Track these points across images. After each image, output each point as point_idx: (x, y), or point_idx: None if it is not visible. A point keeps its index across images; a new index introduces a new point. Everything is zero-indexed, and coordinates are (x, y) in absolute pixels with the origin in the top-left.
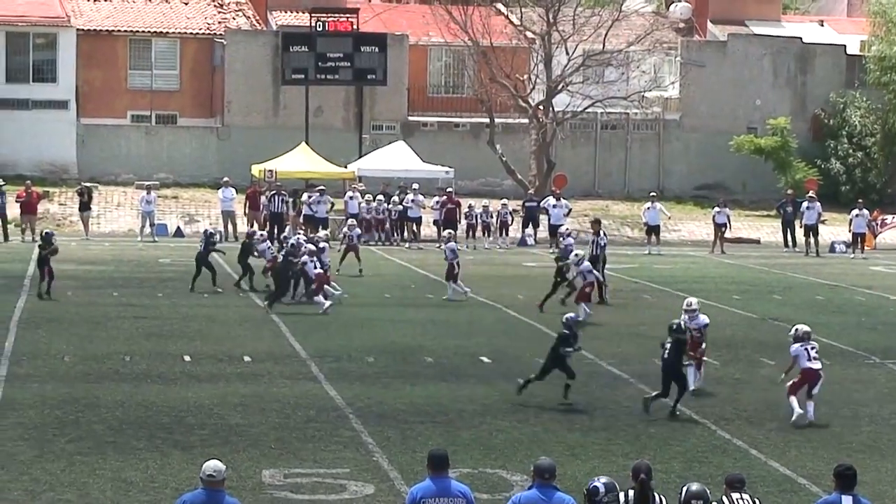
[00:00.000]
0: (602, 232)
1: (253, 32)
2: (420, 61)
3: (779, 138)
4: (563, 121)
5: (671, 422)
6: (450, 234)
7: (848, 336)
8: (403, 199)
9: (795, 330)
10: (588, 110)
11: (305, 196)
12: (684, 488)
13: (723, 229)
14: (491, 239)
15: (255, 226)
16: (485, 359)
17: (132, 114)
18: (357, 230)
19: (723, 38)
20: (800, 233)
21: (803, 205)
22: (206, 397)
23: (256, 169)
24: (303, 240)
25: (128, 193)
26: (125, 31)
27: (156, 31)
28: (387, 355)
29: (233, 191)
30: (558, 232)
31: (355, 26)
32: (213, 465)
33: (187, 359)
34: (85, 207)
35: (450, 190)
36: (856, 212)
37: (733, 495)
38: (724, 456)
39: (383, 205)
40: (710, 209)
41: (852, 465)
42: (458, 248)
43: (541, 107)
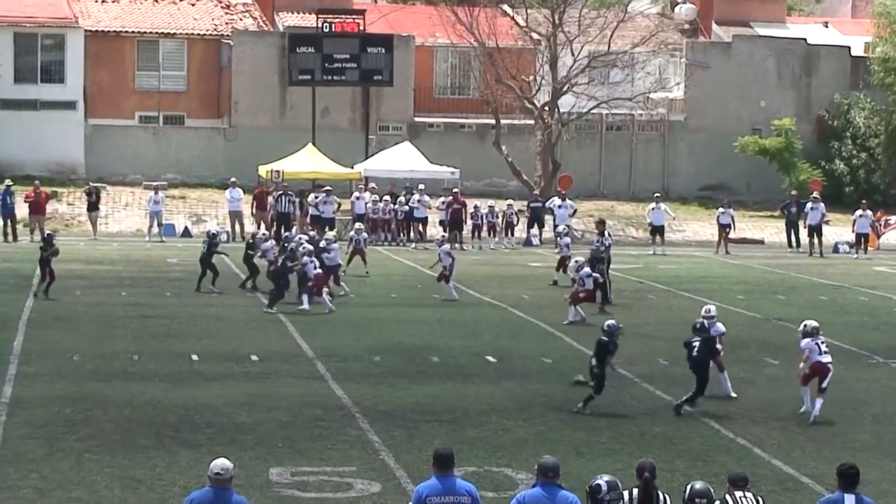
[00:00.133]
0: (607, 232)
1: (260, 33)
2: (426, 62)
3: (783, 139)
4: (569, 122)
5: (676, 420)
6: (443, 237)
7: (851, 336)
8: (409, 199)
9: (804, 325)
10: (593, 111)
11: (312, 196)
12: (688, 487)
13: (727, 230)
14: (496, 239)
15: (262, 226)
16: (490, 358)
17: (140, 114)
18: (364, 234)
19: (727, 39)
20: (804, 233)
21: (807, 205)
22: (214, 396)
23: (263, 169)
24: (304, 239)
25: (136, 193)
26: (133, 32)
27: (163, 32)
28: (393, 355)
29: (240, 191)
30: (555, 231)
31: (362, 27)
32: (220, 464)
33: (195, 358)
34: (93, 207)
35: (456, 190)
36: (859, 212)
37: (737, 494)
38: (727, 455)
39: (389, 205)
40: (715, 210)
41: (855, 464)
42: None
43: (546, 108)
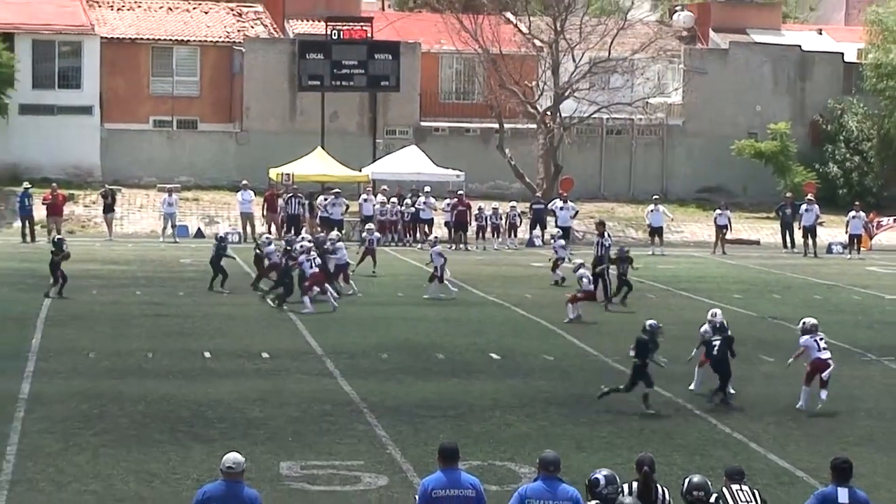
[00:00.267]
0: (607, 233)
1: (271, 40)
2: (432, 68)
3: (778, 143)
4: (570, 126)
5: (675, 415)
6: (435, 238)
7: (845, 334)
8: (416, 201)
9: (803, 323)
10: (594, 116)
11: (321, 198)
12: (686, 480)
13: (724, 231)
14: (500, 240)
15: (273, 227)
16: (494, 355)
17: (154, 119)
18: (376, 234)
19: (724, 46)
20: (798, 234)
21: (802, 207)
22: (226, 392)
23: (274, 172)
24: (306, 239)
25: (150, 196)
26: (147, 39)
27: (177, 39)
28: (400, 352)
29: (251, 193)
30: (550, 234)
31: (369, 35)
32: (232, 458)
33: (208, 355)
34: (109, 209)
35: (461, 192)
36: (852, 214)
37: (733, 487)
38: (724, 449)
39: (396, 207)
40: (712, 211)
41: (848, 458)
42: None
43: (548, 112)
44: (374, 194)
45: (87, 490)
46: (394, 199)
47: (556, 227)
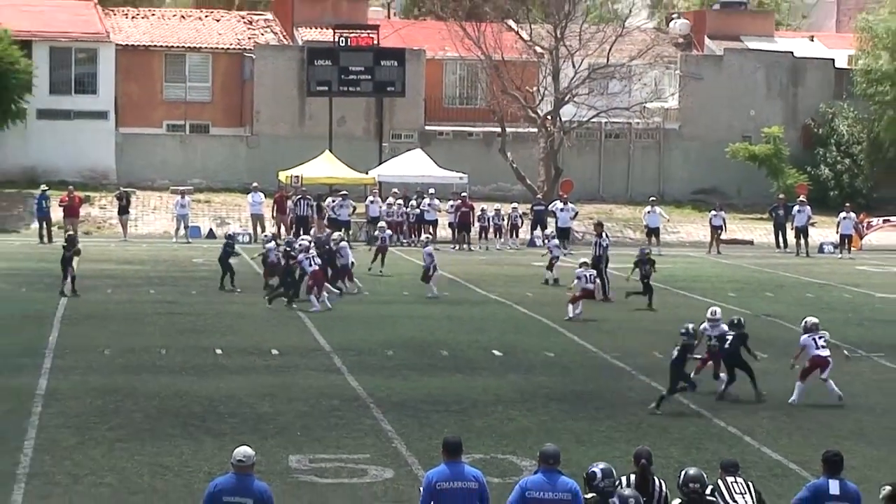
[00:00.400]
0: (605, 234)
1: (280, 47)
2: (436, 74)
3: (771, 146)
4: (570, 130)
5: (671, 410)
6: (427, 237)
7: (836, 331)
8: (420, 202)
9: (804, 322)
10: (593, 120)
11: (329, 200)
12: (682, 472)
13: (719, 231)
14: (502, 240)
15: (283, 228)
16: (497, 352)
17: (167, 123)
18: (388, 232)
19: (719, 52)
20: (791, 235)
21: (794, 208)
22: (237, 388)
23: (283, 175)
24: (307, 239)
25: (163, 198)
26: (161, 46)
27: (190, 46)
28: (405, 349)
29: (261, 195)
30: (544, 234)
31: (376, 42)
32: (243, 451)
33: (219, 352)
34: (123, 211)
35: (464, 194)
36: (843, 215)
37: (728, 479)
38: (719, 443)
39: (402, 208)
40: (707, 212)
41: (839, 451)
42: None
43: (549, 117)
44: (383, 198)
45: (103, 483)
46: (399, 201)
47: (556, 227)
